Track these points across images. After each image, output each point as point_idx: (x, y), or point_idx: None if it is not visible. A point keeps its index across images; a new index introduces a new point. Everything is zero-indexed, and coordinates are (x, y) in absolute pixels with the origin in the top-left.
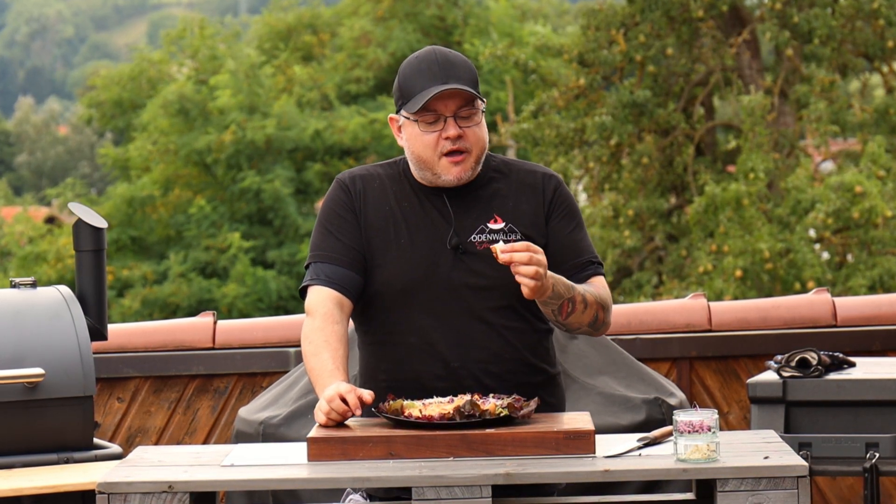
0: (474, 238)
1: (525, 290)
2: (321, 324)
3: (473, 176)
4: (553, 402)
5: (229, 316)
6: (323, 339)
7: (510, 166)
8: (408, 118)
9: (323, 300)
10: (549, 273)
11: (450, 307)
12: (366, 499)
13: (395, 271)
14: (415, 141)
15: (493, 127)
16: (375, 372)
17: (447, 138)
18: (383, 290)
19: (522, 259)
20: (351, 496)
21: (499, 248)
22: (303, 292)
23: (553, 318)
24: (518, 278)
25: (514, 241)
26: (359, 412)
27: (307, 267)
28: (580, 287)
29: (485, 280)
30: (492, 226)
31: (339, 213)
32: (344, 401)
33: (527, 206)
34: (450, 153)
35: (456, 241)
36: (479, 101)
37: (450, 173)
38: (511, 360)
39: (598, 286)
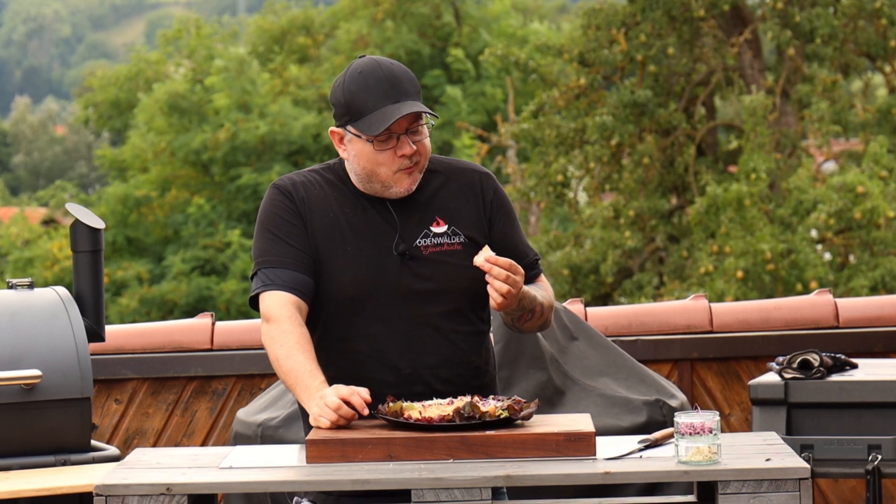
0: (419, 243)
1: (492, 303)
2: (288, 326)
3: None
4: None
5: (227, 313)
6: (294, 341)
7: (444, 165)
8: (358, 136)
9: (283, 304)
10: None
11: (398, 313)
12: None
13: (344, 279)
14: (367, 158)
15: (493, 127)
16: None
17: (403, 156)
18: (331, 298)
19: (500, 276)
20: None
21: (484, 253)
22: (254, 300)
23: (510, 324)
24: (489, 290)
25: (458, 243)
26: (366, 412)
27: (254, 275)
28: (539, 296)
29: (432, 285)
30: (435, 229)
31: (285, 218)
32: (348, 404)
33: (467, 208)
34: (405, 167)
35: (403, 247)
36: (426, 115)
37: (402, 185)
38: (460, 364)
39: (545, 288)
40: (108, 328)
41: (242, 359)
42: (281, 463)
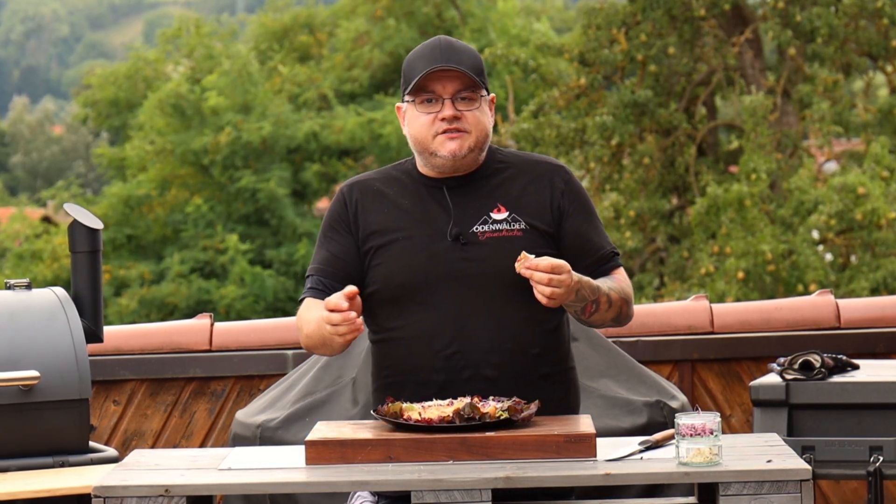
0: (477, 228)
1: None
2: (306, 311)
3: (472, 161)
4: (561, 398)
5: (227, 317)
6: (311, 311)
7: (517, 157)
8: (409, 101)
9: (310, 310)
10: (577, 277)
11: (451, 298)
12: (374, 496)
13: (395, 267)
14: (412, 123)
15: (492, 127)
16: (381, 369)
17: (443, 119)
18: (384, 287)
19: (542, 280)
20: (359, 494)
21: (524, 258)
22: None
23: (576, 317)
24: (535, 292)
25: (518, 229)
26: (345, 305)
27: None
28: (606, 286)
29: (487, 268)
30: (495, 215)
31: (331, 225)
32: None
33: (534, 196)
34: (446, 131)
35: (456, 231)
36: (482, 90)
37: (445, 149)
38: (514, 351)
39: (620, 280)
40: (107, 329)
41: (241, 360)
42: (280, 464)
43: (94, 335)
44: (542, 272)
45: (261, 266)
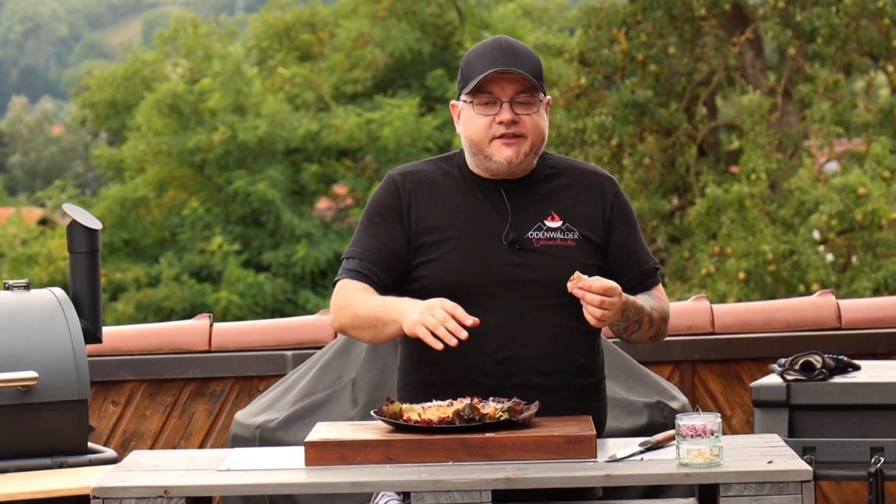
0: (532, 235)
1: (588, 321)
2: (353, 293)
3: (527, 166)
4: (597, 408)
5: (225, 320)
6: (364, 292)
7: (566, 163)
8: (466, 101)
9: (353, 289)
10: (624, 298)
11: (502, 302)
12: (400, 495)
13: (448, 265)
14: (469, 124)
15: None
16: (420, 366)
17: (501, 122)
18: (434, 284)
19: (594, 301)
20: (384, 493)
21: (577, 278)
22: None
23: (616, 334)
24: (585, 313)
25: (572, 240)
26: (469, 322)
27: (343, 261)
28: (648, 306)
29: (541, 275)
30: (549, 223)
31: (380, 212)
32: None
33: (585, 207)
34: (503, 136)
35: (513, 236)
36: (540, 93)
37: (501, 155)
38: (562, 360)
39: (660, 297)
40: (106, 329)
41: (241, 360)
42: (279, 465)
43: (92, 336)
44: (594, 294)
45: (258, 269)
